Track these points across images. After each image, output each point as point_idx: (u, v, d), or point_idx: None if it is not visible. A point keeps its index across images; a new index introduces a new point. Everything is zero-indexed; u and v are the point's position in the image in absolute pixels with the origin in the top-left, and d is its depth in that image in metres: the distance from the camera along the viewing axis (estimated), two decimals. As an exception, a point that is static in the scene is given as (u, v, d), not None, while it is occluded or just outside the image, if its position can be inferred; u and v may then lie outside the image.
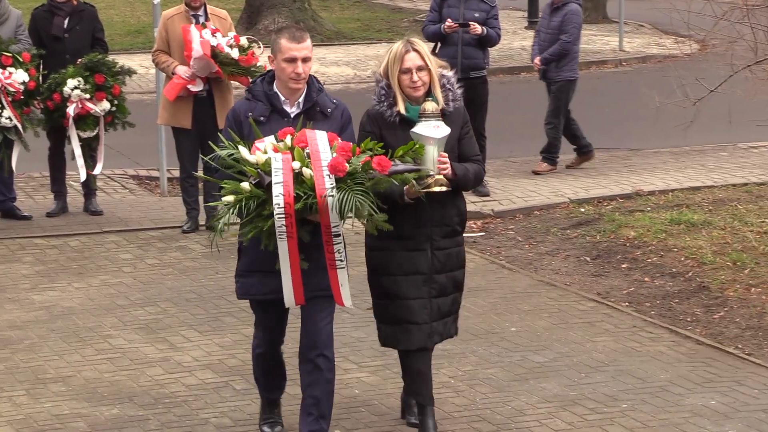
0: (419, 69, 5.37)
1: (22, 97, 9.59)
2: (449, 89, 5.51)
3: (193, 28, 9.37)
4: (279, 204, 4.98)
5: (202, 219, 9.91)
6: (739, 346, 6.74)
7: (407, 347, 5.60)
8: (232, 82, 9.93)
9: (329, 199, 4.98)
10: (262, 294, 5.57)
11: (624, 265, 8.68)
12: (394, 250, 5.49)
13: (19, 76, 9.48)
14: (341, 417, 6.46)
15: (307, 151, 5.01)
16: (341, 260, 5.26)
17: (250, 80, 9.68)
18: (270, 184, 4.98)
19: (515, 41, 20.12)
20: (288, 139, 5.08)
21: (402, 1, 25.42)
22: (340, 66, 18.75)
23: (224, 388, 6.77)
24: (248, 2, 21.11)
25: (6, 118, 9.55)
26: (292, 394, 6.30)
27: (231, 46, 9.51)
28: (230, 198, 5.04)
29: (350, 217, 5.10)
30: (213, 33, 9.46)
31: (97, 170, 10.30)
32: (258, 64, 9.72)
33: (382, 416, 6.44)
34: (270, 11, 20.49)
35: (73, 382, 6.82)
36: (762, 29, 8.02)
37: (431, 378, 5.78)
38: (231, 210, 5.02)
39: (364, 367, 6.97)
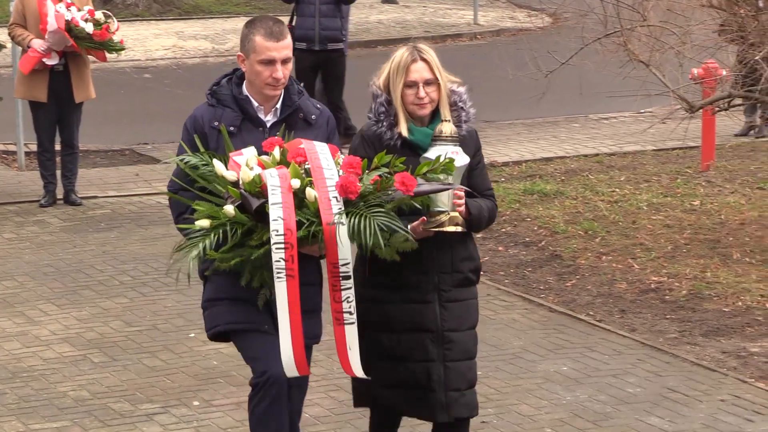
0: (427, 83, 4.57)
1: None
2: (462, 108, 4.68)
3: (48, 2, 9.39)
4: (278, 231, 4.12)
5: (59, 193, 9.94)
6: (590, 313, 6.97)
7: (407, 415, 4.83)
8: (89, 56, 9.94)
9: (340, 228, 4.13)
10: (236, 323, 4.75)
11: (478, 235, 8.85)
12: (388, 302, 4.68)
13: None
14: (200, 388, 6.46)
15: (307, 167, 4.22)
16: (350, 312, 4.30)
17: (107, 55, 9.90)
18: (259, 208, 4.13)
19: (372, 15, 20.57)
20: (276, 152, 4.24)
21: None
22: (198, 40, 19.04)
23: (82, 361, 6.73)
24: None
25: None
26: None
27: (86, 20, 9.49)
28: (205, 223, 4.22)
29: (379, 250, 4.22)
30: (68, 7, 9.51)
31: None
32: (114, 39, 9.76)
33: (240, 387, 6.36)
34: None
35: None
36: (611, 2, 8.29)
37: None
38: (208, 239, 4.19)
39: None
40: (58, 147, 10.42)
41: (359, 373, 4.22)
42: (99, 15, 9.71)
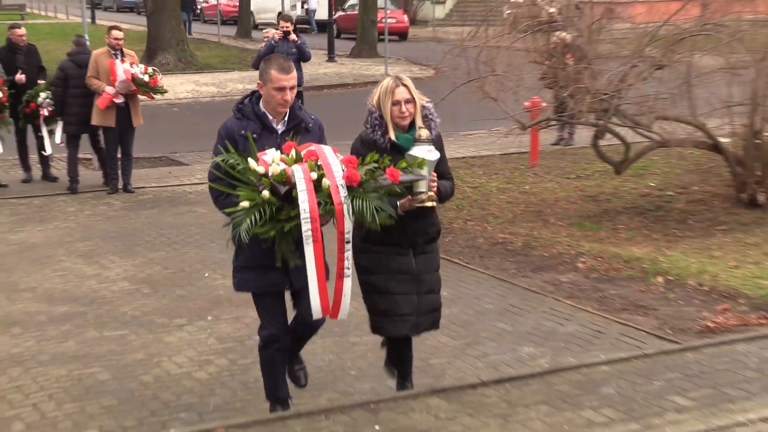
0: (407, 101, 4.32)
1: None
2: (431, 119, 4.42)
3: (117, 62, 9.15)
4: (305, 209, 3.83)
5: (120, 185, 9.73)
6: (461, 258, 6.92)
7: (394, 335, 4.50)
8: (142, 96, 9.69)
9: (346, 206, 3.89)
10: (257, 286, 4.37)
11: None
12: (381, 254, 4.41)
13: None
14: (212, 309, 6.37)
15: (319, 162, 3.95)
16: (348, 268, 4.07)
17: (154, 95, 9.73)
18: (286, 192, 3.86)
19: (320, 69, 20.19)
20: (293, 153, 3.97)
21: (247, 44, 24.76)
22: (209, 86, 18.67)
23: (136, 292, 6.72)
24: (148, 45, 20.37)
25: None
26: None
27: (143, 73, 9.27)
28: (246, 204, 3.90)
29: (369, 221, 3.97)
30: (131, 64, 9.22)
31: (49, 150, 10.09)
32: (159, 85, 9.61)
33: (238, 306, 6.20)
34: (162, 51, 19.76)
35: (37, 291, 6.77)
36: (473, 59, 8.19)
37: (411, 359, 4.78)
38: (249, 215, 3.87)
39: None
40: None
41: (344, 316, 3.97)
42: (150, 70, 9.48)
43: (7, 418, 4.64)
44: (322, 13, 26.00)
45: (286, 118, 4.11)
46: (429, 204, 4.13)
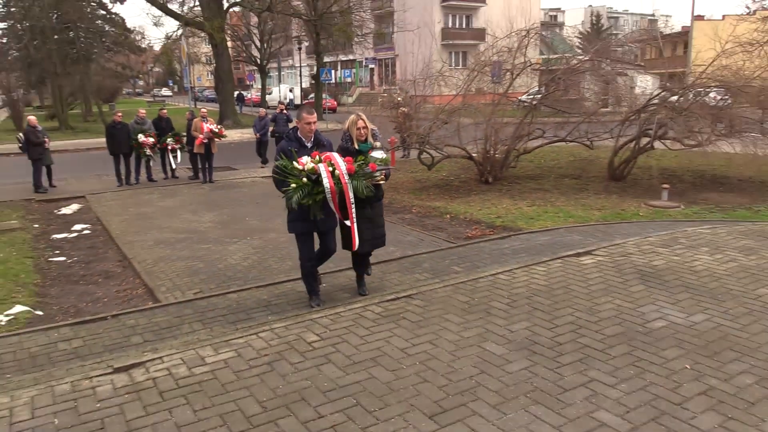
0: (363, 127, 5.34)
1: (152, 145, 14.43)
2: (375, 136, 5.43)
3: (204, 123, 13.98)
4: (327, 189, 4.84)
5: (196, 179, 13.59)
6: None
7: (360, 252, 5.53)
8: (215, 139, 14.18)
9: (350, 185, 4.87)
10: (301, 230, 5.36)
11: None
12: (357, 207, 5.20)
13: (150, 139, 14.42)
14: (254, 235, 8.64)
15: (332, 162, 4.90)
16: (355, 217, 5.05)
17: (221, 138, 14.12)
18: (316, 178, 4.85)
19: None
20: (317, 158, 4.97)
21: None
22: (245, 135, 24.88)
23: (214, 228, 8.93)
24: (220, 111, 31.42)
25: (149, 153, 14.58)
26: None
27: (217, 128, 14.15)
28: (294, 186, 4.87)
29: (363, 193, 5.00)
30: (210, 124, 14.13)
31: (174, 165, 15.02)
32: (224, 135, 14.55)
33: (265, 233, 8.70)
34: (226, 119, 30.92)
35: (170, 228, 9.19)
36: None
37: (367, 264, 5.95)
38: (296, 192, 4.84)
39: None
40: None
41: (357, 246, 5.23)
42: (220, 127, 14.46)
43: (156, 285, 6.82)
44: (297, 100, 45.67)
45: (312, 139, 5.30)
46: (382, 182, 5.31)
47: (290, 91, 49.73)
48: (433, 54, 24.80)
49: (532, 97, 14.63)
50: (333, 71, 44.62)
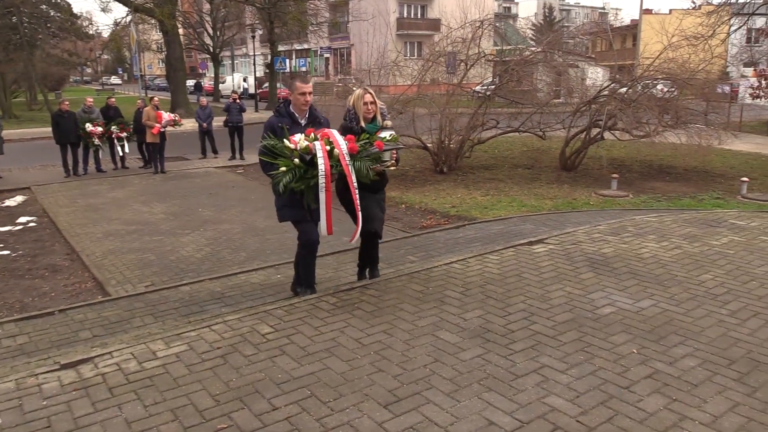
0: (372, 102, 4.89)
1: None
2: (384, 114, 4.98)
3: (163, 113, 14.58)
4: (322, 171, 4.38)
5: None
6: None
7: (368, 230, 5.16)
8: (170, 127, 14.66)
9: (351, 166, 4.43)
10: (292, 218, 4.97)
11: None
12: (366, 191, 4.92)
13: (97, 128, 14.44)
14: (248, 214, 8.73)
15: (330, 140, 4.42)
16: (359, 200, 4.63)
17: (177, 127, 14.63)
18: (310, 159, 4.37)
19: (252, 116, 26.86)
20: (312, 136, 4.46)
21: (218, 104, 32.52)
22: (195, 124, 20.40)
23: (166, 219, 9.06)
24: (172, 100, 30.12)
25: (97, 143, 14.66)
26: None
27: (175, 118, 14.75)
28: (284, 168, 4.41)
29: (365, 175, 4.61)
30: (167, 113, 14.81)
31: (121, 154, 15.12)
32: (181, 123, 15.34)
33: (260, 210, 8.82)
34: (178, 108, 29.10)
35: (120, 219, 9.30)
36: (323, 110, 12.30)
37: (377, 254, 5.75)
38: (288, 175, 4.38)
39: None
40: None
41: (360, 223, 4.79)
42: (175, 116, 14.87)
43: (106, 278, 6.86)
44: (251, 89, 44.34)
45: (306, 115, 4.80)
46: (392, 168, 4.89)
47: (244, 80, 49.79)
48: (388, 44, 25.05)
49: (486, 87, 14.93)
50: (288, 60, 44.96)
